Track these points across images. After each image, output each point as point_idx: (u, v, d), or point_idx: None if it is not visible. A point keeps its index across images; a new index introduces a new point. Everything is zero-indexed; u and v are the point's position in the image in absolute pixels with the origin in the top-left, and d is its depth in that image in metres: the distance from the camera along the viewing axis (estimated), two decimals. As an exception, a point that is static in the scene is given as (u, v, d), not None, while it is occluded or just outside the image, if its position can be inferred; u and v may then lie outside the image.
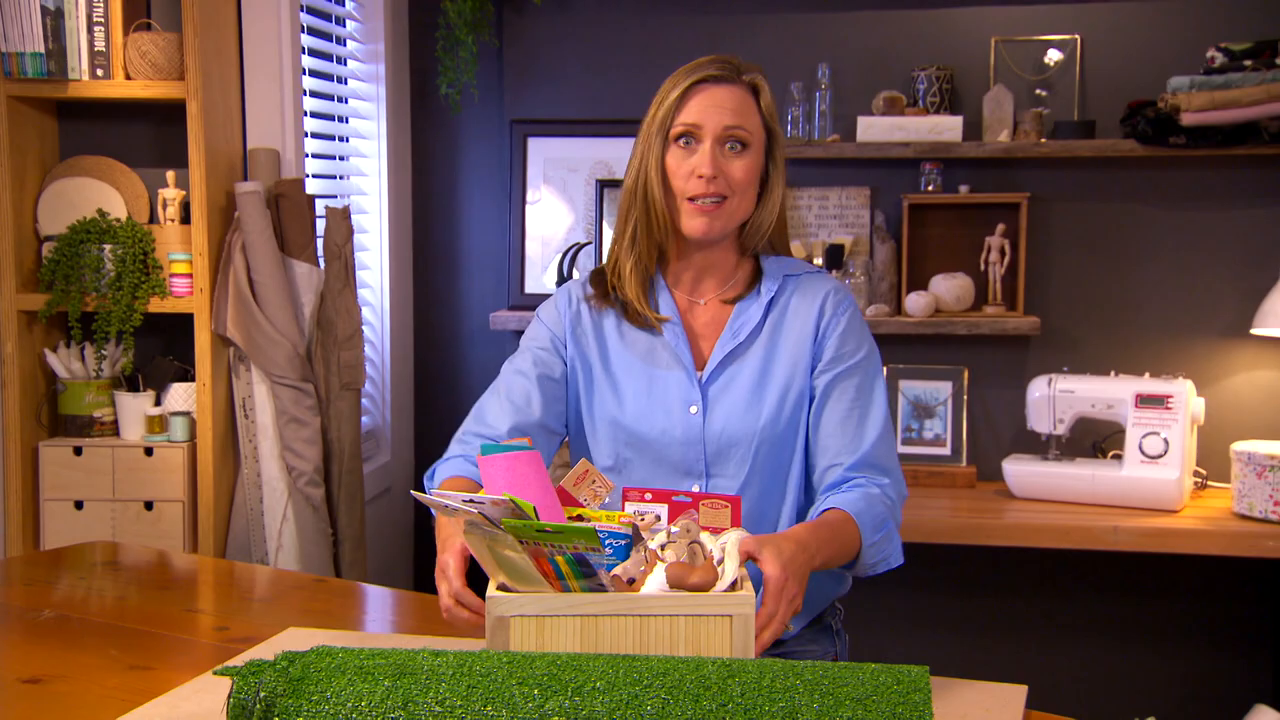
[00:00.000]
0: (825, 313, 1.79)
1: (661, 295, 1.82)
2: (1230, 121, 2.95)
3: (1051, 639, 3.33)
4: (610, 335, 1.83)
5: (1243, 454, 2.88)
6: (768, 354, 1.78)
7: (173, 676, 1.52)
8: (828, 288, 1.82)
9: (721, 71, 1.75)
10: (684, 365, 1.78)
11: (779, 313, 1.80)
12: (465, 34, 3.18)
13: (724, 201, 1.73)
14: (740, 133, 1.73)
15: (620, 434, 1.79)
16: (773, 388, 1.77)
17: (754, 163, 1.75)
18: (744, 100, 1.75)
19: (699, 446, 1.76)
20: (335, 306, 2.78)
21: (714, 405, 1.77)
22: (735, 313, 1.80)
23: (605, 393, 1.81)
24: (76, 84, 2.57)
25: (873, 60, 3.27)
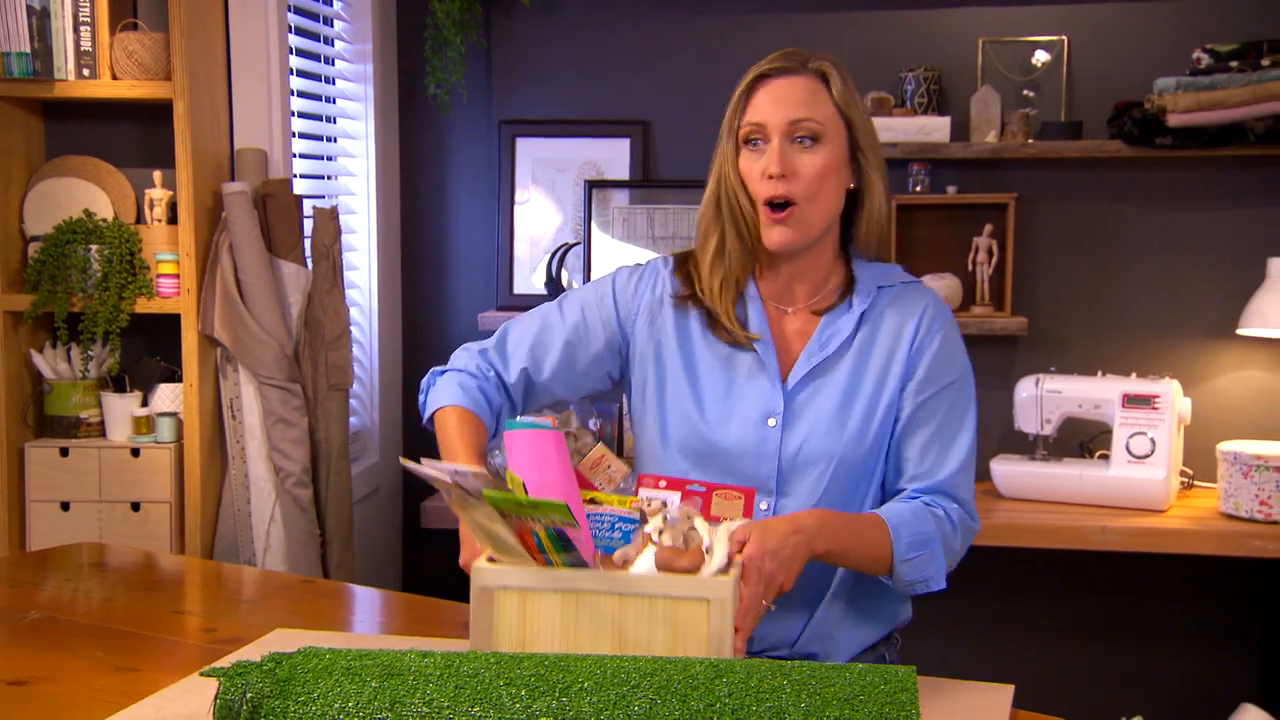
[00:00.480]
0: (920, 329, 1.68)
1: (752, 305, 1.70)
2: (1216, 122, 2.96)
3: (1038, 639, 3.34)
4: (695, 334, 1.72)
5: (1229, 454, 2.89)
6: (856, 370, 1.67)
7: (159, 678, 1.51)
8: (925, 301, 1.71)
9: (786, 63, 1.65)
10: (769, 375, 1.67)
11: (871, 326, 1.69)
12: (453, 34, 3.17)
13: (793, 207, 1.62)
14: (808, 125, 1.61)
15: (693, 439, 1.69)
16: (858, 406, 1.66)
17: (828, 157, 1.62)
18: (812, 90, 1.63)
19: (773, 462, 1.66)
20: (323, 307, 2.77)
21: (795, 420, 1.66)
22: (824, 324, 1.69)
23: (682, 393, 1.70)
24: (62, 84, 2.56)
25: (860, 61, 3.28)
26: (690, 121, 3.40)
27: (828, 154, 1.63)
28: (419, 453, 2.12)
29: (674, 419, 1.71)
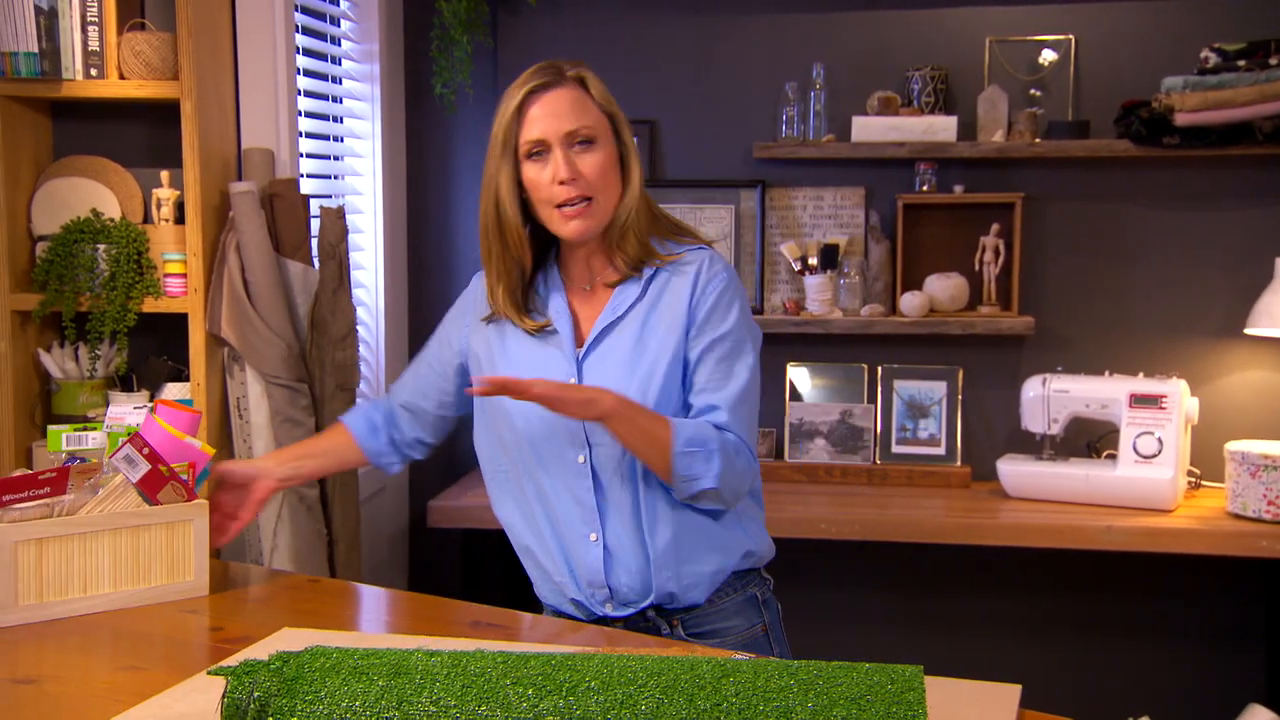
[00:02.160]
0: (698, 286, 1.85)
1: (554, 289, 1.90)
2: (1224, 122, 2.96)
3: (1046, 638, 3.34)
4: (508, 328, 1.92)
5: (1236, 454, 2.88)
6: (644, 325, 1.85)
7: (166, 677, 1.52)
8: (700, 260, 1.87)
9: (547, 78, 1.80)
10: (563, 343, 1.86)
11: (658, 288, 1.86)
12: (460, 34, 3.17)
13: (590, 201, 1.80)
14: (583, 131, 1.79)
15: (512, 410, 1.86)
16: (647, 356, 1.83)
17: (606, 154, 1.81)
18: (576, 98, 1.80)
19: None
20: (330, 306, 2.77)
21: (589, 375, 1.84)
22: (616, 292, 1.87)
23: (498, 367, 1.90)
24: (70, 84, 2.56)
25: (867, 60, 3.27)
26: (696, 121, 3.40)
27: (603, 152, 1.81)
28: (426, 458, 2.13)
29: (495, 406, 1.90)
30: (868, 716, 1.19)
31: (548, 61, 1.83)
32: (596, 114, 1.82)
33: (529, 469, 1.88)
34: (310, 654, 1.27)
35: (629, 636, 1.76)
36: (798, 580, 3.40)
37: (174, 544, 1.87)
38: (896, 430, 3.31)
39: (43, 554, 1.77)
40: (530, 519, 1.91)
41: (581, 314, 1.90)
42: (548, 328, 1.87)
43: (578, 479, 1.84)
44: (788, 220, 3.35)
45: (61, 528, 1.78)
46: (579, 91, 1.81)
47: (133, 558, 1.84)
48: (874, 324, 3.18)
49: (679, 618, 1.88)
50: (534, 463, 1.87)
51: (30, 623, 1.73)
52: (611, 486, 1.83)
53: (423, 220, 3.48)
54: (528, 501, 1.90)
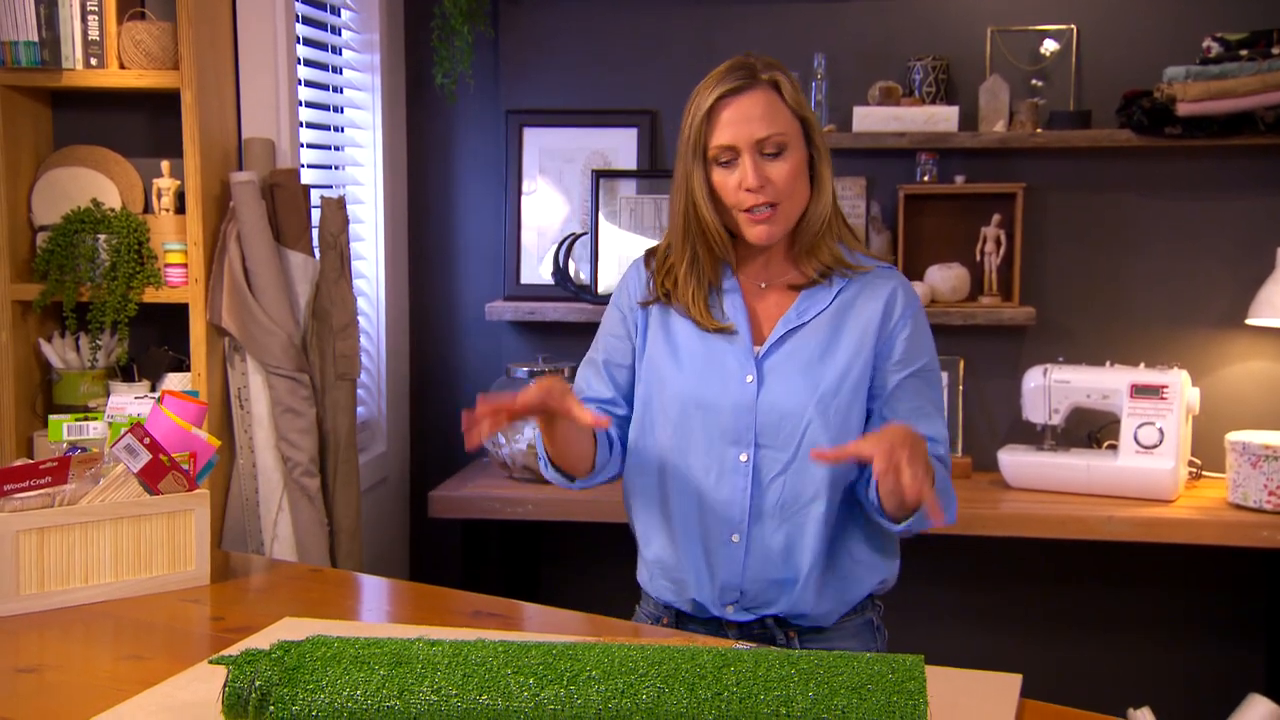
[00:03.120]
0: (894, 310, 1.82)
1: (729, 295, 1.85)
2: (1226, 111, 2.95)
3: (1046, 628, 3.34)
4: (675, 314, 1.86)
5: (1238, 444, 2.88)
6: (831, 336, 1.81)
7: (168, 666, 1.52)
8: (896, 284, 1.85)
9: (741, 80, 1.75)
10: (743, 339, 1.81)
11: (848, 299, 1.83)
12: (461, 23, 3.17)
13: (776, 207, 1.76)
14: (775, 138, 1.74)
15: (679, 396, 1.82)
16: (832, 367, 1.79)
17: (796, 161, 1.76)
18: (769, 103, 1.75)
19: (750, 415, 1.79)
20: (330, 296, 2.77)
21: (769, 376, 1.80)
22: (803, 296, 1.83)
23: (667, 363, 1.85)
24: (70, 73, 2.56)
25: (868, 50, 3.27)
26: (698, 111, 3.39)
27: (793, 159, 1.76)
28: (429, 445, 2.13)
29: (660, 385, 1.85)
30: (868, 705, 1.20)
31: (741, 59, 1.77)
32: (788, 119, 1.76)
33: (683, 462, 1.83)
34: (311, 643, 1.28)
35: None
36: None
37: (175, 533, 1.88)
38: (897, 421, 3.31)
39: (44, 543, 1.77)
40: (665, 514, 1.86)
41: (759, 312, 1.85)
42: (729, 330, 1.82)
43: (735, 477, 1.80)
44: (789, 210, 3.35)
45: (63, 517, 1.78)
46: (772, 95, 1.76)
47: (134, 547, 1.84)
48: (875, 314, 3.18)
49: (799, 631, 1.85)
50: (691, 455, 1.82)
51: (32, 612, 1.73)
52: (770, 490, 1.79)
53: (423, 210, 3.48)
54: (667, 495, 1.85)
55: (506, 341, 3.44)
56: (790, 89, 1.77)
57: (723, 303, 1.85)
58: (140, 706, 1.39)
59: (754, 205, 1.75)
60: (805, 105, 1.79)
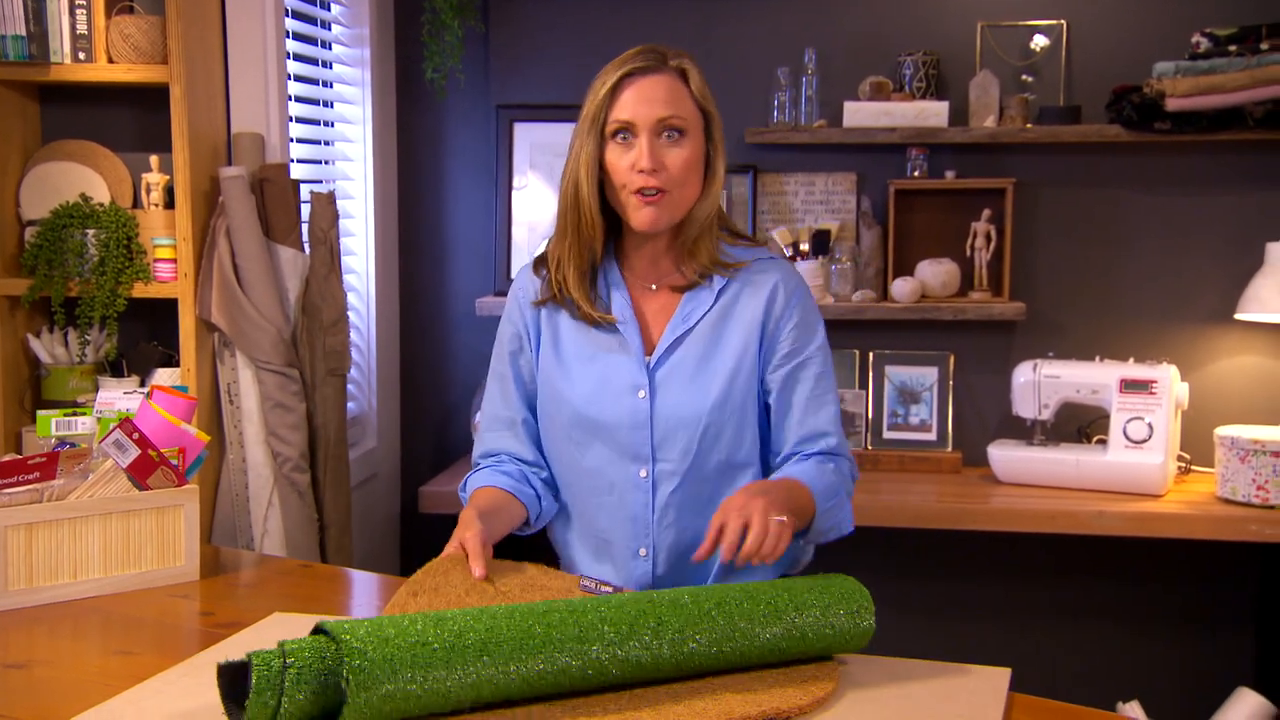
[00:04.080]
0: (776, 304, 1.81)
1: (616, 289, 1.83)
2: (1215, 107, 2.96)
3: (1036, 623, 3.35)
4: (564, 322, 1.85)
5: (1226, 438, 2.89)
6: (714, 338, 1.80)
7: (157, 661, 1.52)
8: (776, 277, 1.83)
9: (648, 62, 1.75)
10: (633, 351, 1.80)
11: (730, 298, 1.82)
12: (451, 18, 3.16)
13: (666, 194, 1.74)
14: (675, 120, 1.73)
15: (575, 417, 1.82)
16: (719, 371, 1.79)
17: (693, 150, 1.75)
18: (674, 88, 1.74)
19: (646, 431, 1.79)
20: (320, 292, 2.77)
21: (661, 388, 1.79)
22: (685, 299, 1.81)
23: (559, 378, 1.84)
24: (58, 67, 2.55)
25: (859, 45, 3.27)
26: (688, 106, 3.38)
27: (690, 147, 1.75)
28: (419, 440, 2.12)
29: (556, 403, 1.85)
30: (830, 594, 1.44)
31: (651, 45, 1.77)
32: (691, 107, 1.75)
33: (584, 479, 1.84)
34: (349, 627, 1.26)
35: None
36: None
37: (164, 529, 1.87)
38: (888, 416, 3.31)
39: (32, 539, 1.76)
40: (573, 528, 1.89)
41: (648, 317, 1.84)
42: (612, 324, 1.81)
43: (636, 493, 1.81)
44: (779, 206, 3.35)
45: (51, 512, 1.78)
46: (677, 81, 1.75)
47: (123, 542, 1.84)
48: (865, 310, 3.18)
49: None
50: (591, 474, 1.83)
51: (20, 607, 1.73)
52: (670, 501, 1.80)
53: (414, 205, 3.48)
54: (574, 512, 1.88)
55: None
56: (697, 79, 1.77)
57: (610, 297, 1.83)
58: (129, 702, 1.38)
59: (644, 187, 1.73)
60: (710, 99, 1.78)
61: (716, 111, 1.80)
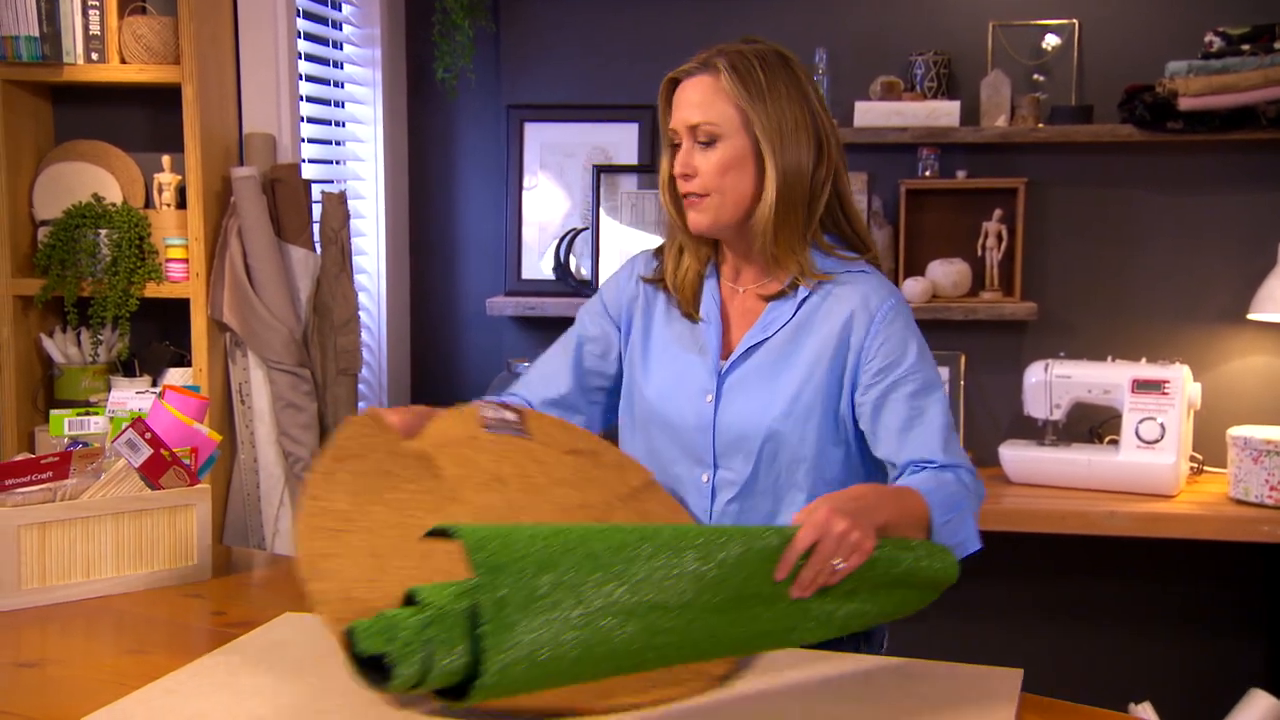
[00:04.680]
0: (859, 319, 1.71)
1: (709, 286, 1.80)
2: (1228, 106, 2.95)
3: (1047, 624, 3.34)
4: (658, 313, 1.83)
5: (1239, 439, 2.88)
6: (788, 350, 1.73)
7: (169, 661, 1.52)
8: (864, 289, 1.72)
9: (692, 64, 1.71)
10: (709, 353, 1.76)
11: (810, 310, 1.74)
12: (462, 18, 3.16)
13: (707, 197, 1.70)
14: (706, 127, 1.67)
15: (647, 410, 1.81)
16: (788, 384, 1.72)
17: (726, 152, 1.67)
18: (706, 90, 1.68)
19: (709, 435, 1.74)
20: (332, 291, 2.77)
21: (728, 395, 1.74)
22: (770, 308, 1.75)
23: (639, 368, 1.83)
24: (71, 68, 2.56)
25: (870, 45, 3.26)
26: (699, 106, 3.38)
27: (724, 150, 1.68)
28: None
29: (633, 393, 1.83)
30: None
31: (722, 44, 1.71)
32: (724, 107, 1.66)
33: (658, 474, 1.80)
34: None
35: None
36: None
37: (176, 528, 1.88)
38: (899, 416, 3.31)
39: (45, 538, 1.77)
40: None
41: (732, 320, 1.79)
42: (703, 321, 1.77)
43: (698, 496, 1.77)
44: (790, 205, 3.35)
45: (64, 512, 1.78)
46: (712, 81, 1.67)
47: (135, 542, 1.84)
48: (876, 309, 3.17)
49: None
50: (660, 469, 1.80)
51: (33, 606, 1.73)
52: (728, 510, 1.75)
53: (424, 205, 3.48)
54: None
55: (507, 336, 3.44)
56: (726, 77, 1.66)
57: (702, 296, 1.81)
58: (141, 701, 1.39)
59: (686, 192, 1.71)
60: (748, 95, 1.66)
61: (761, 110, 1.67)
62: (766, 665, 1.49)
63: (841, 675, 1.46)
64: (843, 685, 1.43)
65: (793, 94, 1.69)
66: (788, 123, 1.68)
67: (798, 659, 1.51)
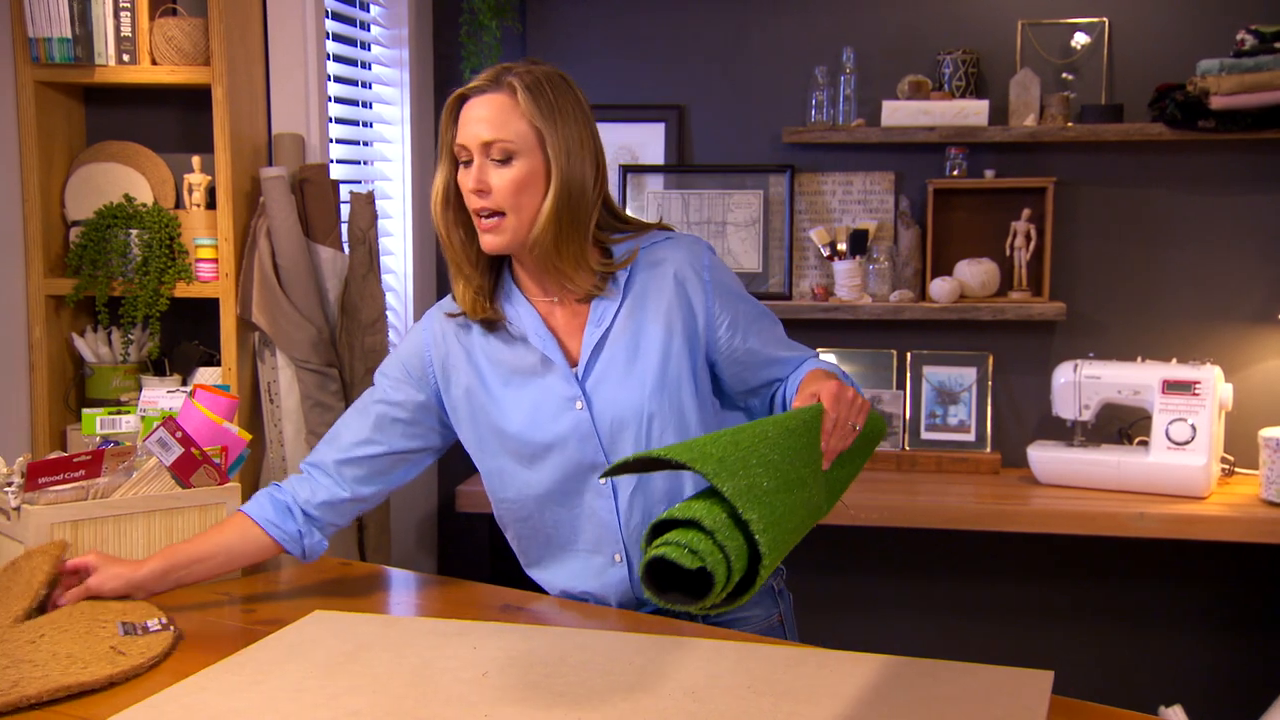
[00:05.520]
0: (689, 279, 1.79)
1: (521, 305, 1.80)
2: (1260, 105, 2.92)
3: (1077, 625, 3.32)
4: (479, 355, 1.82)
5: (1271, 440, 2.86)
6: (634, 330, 1.78)
7: (200, 658, 1.53)
8: (676, 252, 1.81)
9: (483, 82, 1.70)
10: (558, 366, 1.78)
11: (638, 288, 1.79)
12: (489, 19, 3.17)
13: (502, 217, 1.70)
14: (500, 144, 1.68)
15: (519, 444, 1.79)
16: (649, 359, 1.77)
17: (522, 171, 1.69)
18: (502, 107, 1.68)
19: (594, 439, 1.77)
20: (359, 291, 2.78)
21: (595, 395, 1.77)
22: (593, 307, 1.79)
23: (491, 410, 1.81)
24: (103, 69, 2.58)
25: (898, 44, 3.25)
26: (725, 106, 3.39)
27: (520, 169, 1.69)
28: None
29: (495, 436, 1.81)
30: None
31: (502, 64, 1.73)
32: (522, 128, 1.68)
33: (546, 504, 1.81)
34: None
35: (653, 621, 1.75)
36: (826, 567, 3.39)
37: (207, 527, 1.89)
38: (926, 416, 3.30)
39: (78, 536, 1.78)
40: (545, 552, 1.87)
41: (560, 330, 1.80)
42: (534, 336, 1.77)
43: (599, 500, 1.79)
44: (817, 205, 3.34)
45: (96, 510, 1.80)
46: (508, 100, 1.69)
47: (166, 540, 1.86)
48: (903, 310, 3.17)
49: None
50: (552, 496, 1.80)
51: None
52: (634, 501, 1.78)
53: (452, 205, 3.48)
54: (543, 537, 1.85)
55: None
56: (525, 97, 1.68)
57: (518, 315, 1.79)
58: (172, 699, 1.40)
59: (478, 210, 1.71)
60: (544, 115, 1.69)
61: (551, 127, 1.70)
62: (793, 666, 1.48)
63: (871, 676, 1.46)
64: (873, 686, 1.43)
65: (577, 114, 1.74)
66: (574, 141, 1.73)
67: (826, 660, 1.51)
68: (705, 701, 1.37)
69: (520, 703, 1.37)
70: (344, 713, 1.34)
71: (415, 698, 1.38)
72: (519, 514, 1.86)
